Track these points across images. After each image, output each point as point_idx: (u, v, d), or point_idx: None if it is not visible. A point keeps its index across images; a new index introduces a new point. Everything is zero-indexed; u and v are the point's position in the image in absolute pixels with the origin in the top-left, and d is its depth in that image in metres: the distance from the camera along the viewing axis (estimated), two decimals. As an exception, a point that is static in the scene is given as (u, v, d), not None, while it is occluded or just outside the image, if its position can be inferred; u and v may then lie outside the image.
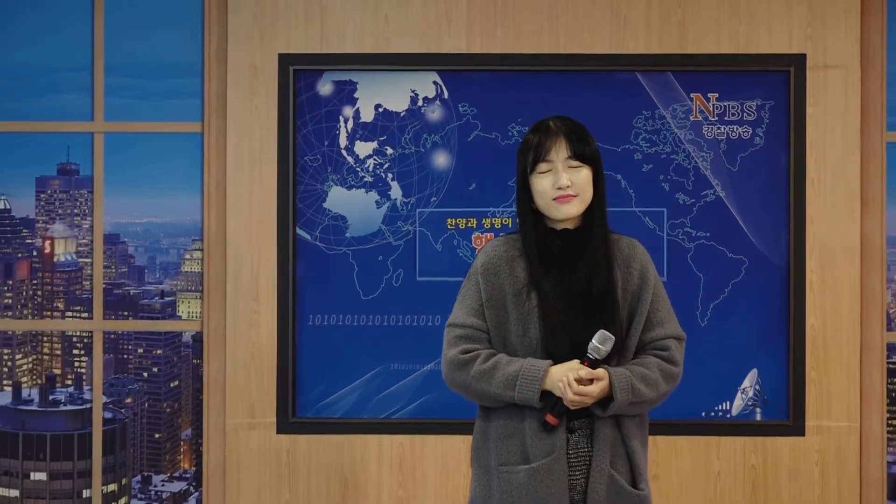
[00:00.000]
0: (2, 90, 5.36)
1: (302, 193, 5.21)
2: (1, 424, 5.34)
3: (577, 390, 3.41)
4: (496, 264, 3.64)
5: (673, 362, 3.61)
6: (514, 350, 3.60)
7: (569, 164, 3.53)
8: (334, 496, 5.16)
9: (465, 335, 3.63)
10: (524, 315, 3.58)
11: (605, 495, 3.54)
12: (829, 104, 5.12)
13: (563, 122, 3.63)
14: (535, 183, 3.58)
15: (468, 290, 3.68)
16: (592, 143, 3.62)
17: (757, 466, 5.10)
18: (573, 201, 3.53)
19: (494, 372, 3.54)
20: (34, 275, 5.36)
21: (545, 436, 3.54)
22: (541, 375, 3.47)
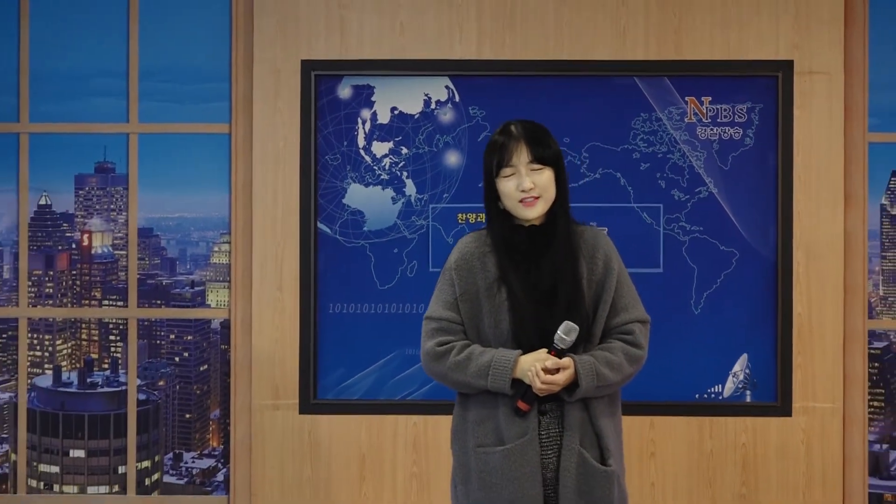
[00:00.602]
0: (44, 94, 5.33)
1: (323, 190, 5.21)
2: (42, 405, 5.39)
3: (544, 379, 3.47)
4: (469, 260, 3.68)
5: (637, 345, 3.66)
6: (487, 340, 3.64)
7: (531, 168, 3.57)
8: (353, 472, 5.18)
9: (440, 328, 3.67)
10: (495, 308, 3.62)
11: (575, 473, 3.57)
12: (815, 107, 5.15)
13: (524, 126, 3.65)
14: (500, 185, 3.61)
15: (443, 284, 3.73)
16: (553, 146, 3.65)
17: (747, 445, 5.13)
18: (536, 203, 3.57)
19: (468, 363, 3.59)
20: (73, 266, 5.39)
21: (518, 419, 3.59)
22: (510, 366, 3.52)
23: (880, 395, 5.37)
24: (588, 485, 3.58)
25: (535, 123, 3.68)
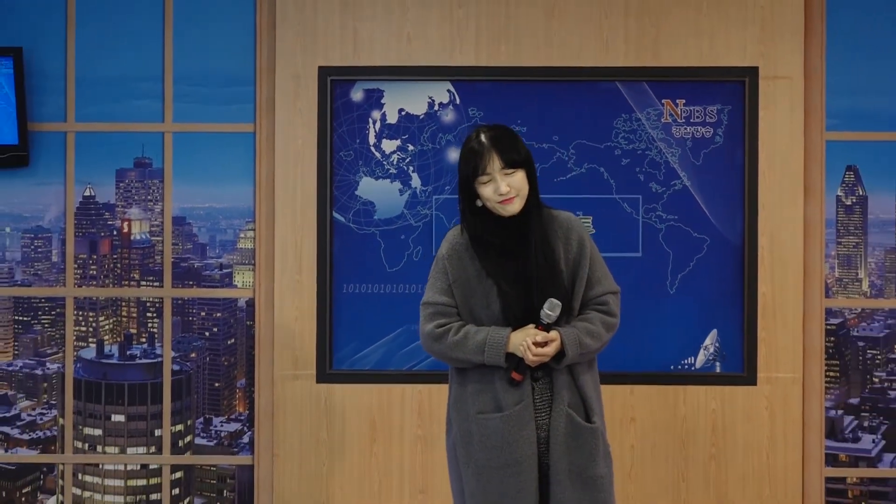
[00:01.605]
0: (88, 97, 5.34)
1: (337, 183, 5.25)
2: (87, 375, 5.39)
3: (535, 352, 3.57)
4: (458, 251, 3.76)
5: (611, 314, 3.75)
6: (480, 319, 3.71)
7: (504, 172, 3.63)
8: (364, 435, 5.22)
9: (437, 312, 3.75)
10: (485, 291, 3.70)
11: (564, 430, 3.65)
12: (778, 109, 5.18)
13: (493, 135, 3.70)
14: (480, 189, 3.66)
15: (437, 273, 3.80)
16: (521, 149, 3.71)
17: (716, 411, 5.18)
18: (514, 201, 3.64)
19: (465, 341, 3.66)
20: (114, 251, 5.40)
21: (514, 388, 3.66)
22: (504, 342, 3.61)
23: (835, 367, 5.35)
24: (576, 441, 3.66)
25: (503, 129, 3.75)
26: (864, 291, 5.42)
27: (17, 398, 5.50)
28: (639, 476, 5.17)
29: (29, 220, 5.49)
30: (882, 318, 5.42)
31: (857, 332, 5.42)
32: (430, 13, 5.24)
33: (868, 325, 5.43)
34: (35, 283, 5.50)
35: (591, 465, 3.68)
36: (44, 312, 5.50)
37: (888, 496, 5.31)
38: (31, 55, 5.31)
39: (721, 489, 5.20)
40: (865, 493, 5.35)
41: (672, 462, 5.19)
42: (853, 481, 5.35)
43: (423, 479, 5.22)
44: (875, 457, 5.33)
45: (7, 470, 5.45)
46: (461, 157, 3.73)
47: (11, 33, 5.32)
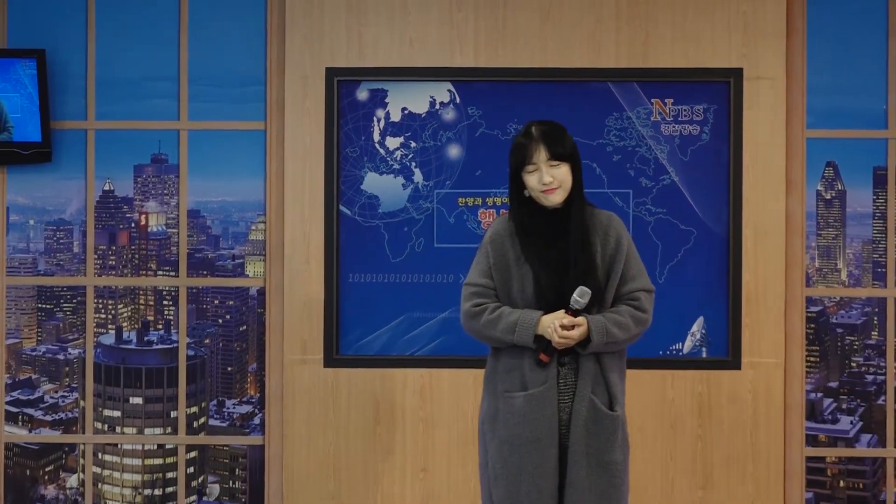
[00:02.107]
0: (108, 96, 5.35)
1: (344, 178, 5.25)
2: (106, 360, 5.41)
3: (561, 334, 3.60)
4: (501, 237, 3.80)
5: (642, 310, 3.76)
6: (515, 302, 3.75)
7: (549, 164, 3.68)
8: (368, 417, 5.23)
9: (476, 292, 3.80)
10: (522, 276, 3.74)
11: (585, 416, 3.68)
12: (761, 108, 5.19)
13: (543, 128, 3.75)
14: (526, 179, 3.72)
15: (480, 256, 3.84)
16: (568, 143, 3.75)
17: (703, 394, 5.19)
18: (556, 192, 3.68)
19: (499, 321, 3.71)
20: (132, 242, 5.42)
21: (540, 370, 3.70)
22: (534, 323, 3.65)
23: (815, 352, 5.37)
24: (596, 426, 3.70)
25: (553, 125, 3.78)
26: (842, 281, 5.42)
27: (40, 381, 5.50)
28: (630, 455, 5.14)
29: (52, 213, 5.49)
30: (860, 307, 5.44)
31: (836, 319, 5.44)
32: (431, 17, 5.26)
33: (846, 313, 5.45)
34: (57, 273, 5.50)
35: (608, 450, 3.73)
36: (66, 300, 5.50)
37: (865, 475, 5.33)
38: (53, 57, 5.31)
39: (707, 468, 5.20)
40: (844, 471, 5.36)
41: (661, 442, 5.20)
42: (832, 460, 5.36)
43: (425, 458, 5.23)
44: (853, 437, 5.34)
45: (31, 449, 5.45)
46: (512, 148, 3.78)
47: (34, 36, 5.32)
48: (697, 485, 5.23)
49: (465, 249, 5.19)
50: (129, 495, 5.48)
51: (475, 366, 5.12)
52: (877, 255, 5.41)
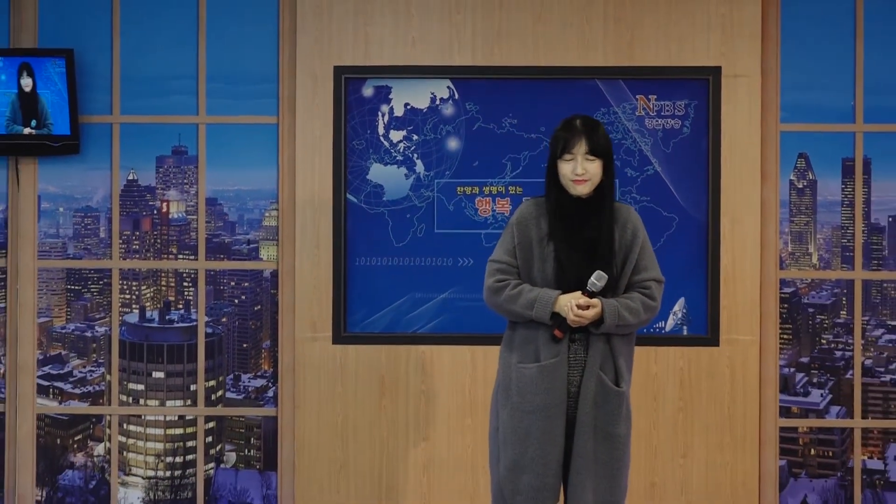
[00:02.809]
0: (132, 93, 5.40)
1: (350, 168, 5.26)
2: (131, 337, 5.40)
3: (577, 313, 3.67)
4: (526, 219, 3.85)
5: (652, 298, 3.82)
6: (535, 281, 3.81)
7: (586, 157, 3.73)
8: (374, 390, 5.26)
9: (500, 269, 3.85)
10: (544, 257, 3.80)
11: (594, 390, 3.75)
12: (738, 103, 5.21)
13: (586, 123, 3.80)
14: (560, 166, 3.77)
15: (506, 236, 3.88)
16: (605, 142, 3.80)
17: (684, 369, 5.23)
18: (585, 184, 3.74)
19: (519, 297, 3.77)
20: (155, 228, 5.41)
21: (553, 344, 3.76)
22: (552, 301, 3.71)
23: (788, 330, 5.37)
24: (603, 400, 3.76)
25: (594, 122, 3.84)
26: (813, 264, 5.44)
27: (69, 357, 5.51)
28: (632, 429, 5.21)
29: (80, 201, 5.50)
30: (829, 288, 5.47)
31: (808, 299, 5.46)
32: (432, 19, 5.27)
33: (817, 294, 5.47)
34: (85, 257, 5.51)
35: (613, 423, 3.78)
36: (93, 282, 5.52)
37: (834, 443, 5.35)
38: (81, 56, 5.32)
39: (687, 437, 5.23)
40: (814, 440, 5.38)
41: (645, 413, 5.21)
42: (804, 430, 5.39)
43: (427, 428, 5.25)
44: (823, 409, 5.37)
45: (61, 420, 5.46)
46: (555, 134, 3.82)
47: (64, 37, 5.34)
48: (679, 453, 5.25)
49: (463, 235, 5.29)
50: (152, 462, 5.48)
51: (473, 343, 5.23)
52: (845, 241, 5.42)
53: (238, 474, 5.52)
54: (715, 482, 5.26)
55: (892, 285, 5.46)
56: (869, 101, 5.38)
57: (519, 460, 3.79)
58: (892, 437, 5.41)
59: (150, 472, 5.52)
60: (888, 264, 5.46)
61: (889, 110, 5.39)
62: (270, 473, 5.47)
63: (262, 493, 5.47)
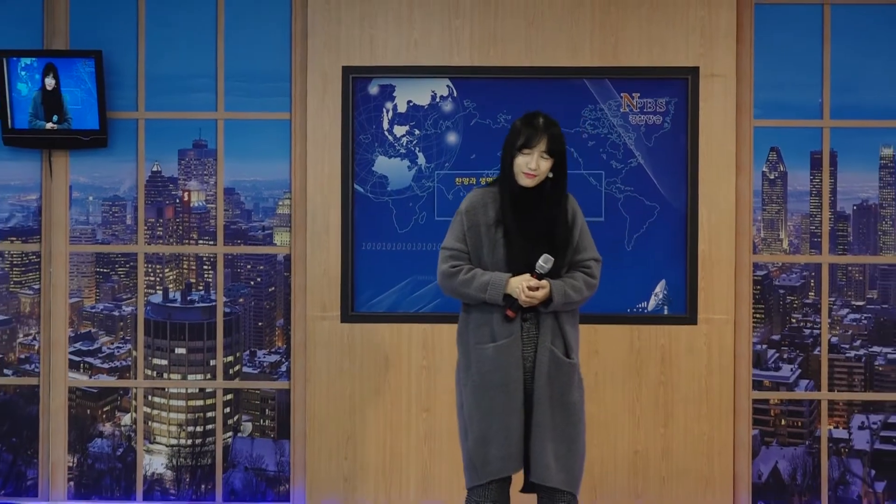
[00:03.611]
0: (155, 91, 5.43)
1: (357, 161, 5.29)
2: (155, 316, 5.38)
3: (528, 294, 3.72)
4: (475, 207, 3.87)
5: (592, 276, 3.90)
6: (486, 265, 3.84)
7: (541, 155, 3.77)
8: (379, 366, 5.28)
9: (452, 255, 3.87)
10: (493, 242, 3.83)
11: (547, 363, 3.80)
12: (715, 101, 5.22)
13: (547, 122, 3.81)
14: (517, 157, 3.78)
15: (456, 224, 3.90)
16: (561, 144, 3.81)
17: (665, 345, 5.26)
18: (533, 178, 3.77)
19: (472, 281, 3.79)
20: (177, 216, 5.37)
21: (507, 324, 3.80)
22: (503, 284, 3.75)
23: (761, 310, 5.35)
24: (556, 372, 3.81)
25: (554, 122, 3.84)
26: (784, 249, 5.45)
27: (98, 335, 5.53)
28: (601, 398, 5.22)
29: (108, 191, 5.50)
30: (798, 271, 5.46)
31: (779, 281, 5.45)
32: (432, 23, 5.28)
33: (787, 276, 5.46)
34: (113, 242, 5.52)
35: (567, 392, 3.83)
36: (120, 265, 5.51)
37: (803, 414, 5.34)
38: (109, 57, 5.35)
39: (668, 408, 5.26)
40: (784, 411, 5.38)
41: (628, 387, 5.26)
42: (775, 402, 5.39)
43: (428, 400, 5.28)
44: (792, 383, 5.39)
45: (91, 392, 5.48)
46: (515, 128, 3.83)
47: (93, 40, 5.36)
48: (660, 423, 5.28)
49: None
50: (175, 432, 5.49)
51: None
52: (813, 227, 5.44)
53: (254, 442, 5.52)
54: (693, 450, 5.28)
55: (857, 268, 5.45)
56: (835, 100, 5.39)
57: (485, 434, 3.81)
58: (856, 408, 5.39)
59: (172, 440, 5.51)
60: (852, 249, 5.46)
61: (853, 107, 5.39)
62: (283, 442, 5.47)
63: (276, 460, 5.47)
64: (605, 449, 5.28)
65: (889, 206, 5.45)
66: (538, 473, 3.81)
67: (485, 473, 3.83)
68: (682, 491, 5.31)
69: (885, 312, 5.46)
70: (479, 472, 3.84)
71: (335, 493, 5.34)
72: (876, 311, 5.47)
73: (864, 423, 5.42)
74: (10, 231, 5.56)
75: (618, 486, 5.29)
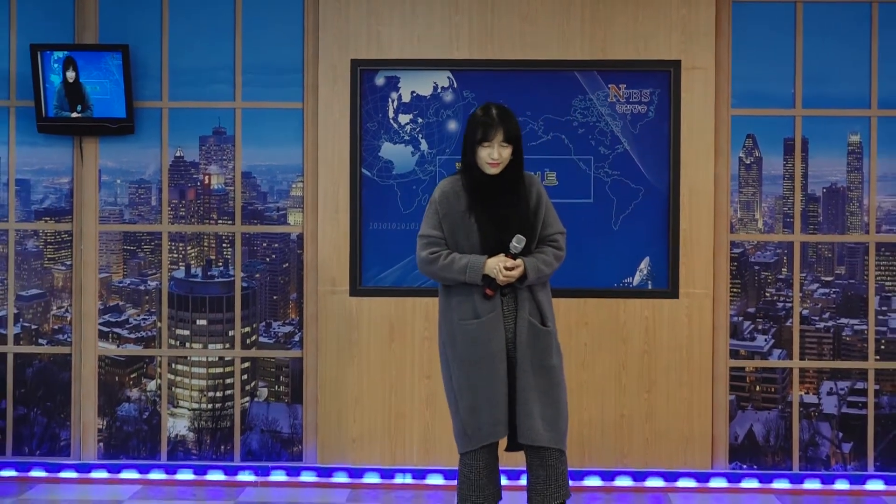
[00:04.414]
0: (178, 82, 5.47)
1: (364, 147, 5.33)
2: (178, 290, 5.40)
3: (505, 274, 3.78)
4: (448, 195, 3.91)
5: (560, 249, 3.95)
6: (462, 248, 3.89)
7: (501, 144, 3.82)
8: (384, 336, 5.34)
9: (430, 241, 3.92)
10: (468, 227, 3.88)
11: (527, 333, 3.87)
12: (695, 91, 5.27)
13: (501, 113, 3.84)
14: (478, 150, 3.83)
15: (430, 212, 3.94)
16: (516, 130, 3.86)
17: (648, 317, 5.32)
18: (498, 166, 3.83)
19: (452, 265, 3.84)
20: (198, 197, 5.38)
21: (488, 301, 3.85)
22: (481, 266, 3.80)
23: (738, 284, 5.36)
24: (535, 339, 3.88)
25: (508, 111, 3.88)
26: (759, 228, 5.49)
27: (125, 307, 5.58)
28: (590, 366, 5.28)
29: (134, 174, 5.55)
30: (772, 249, 5.50)
31: (754, 258, 5.49)
32: (434, 19, 5.32)
33: (762, 254, 5.50)
34: (139, 221, 5.56)
35: (546, 357, 3.89)
36: (145, 243, 5.56)
37: (776, 381, 5.41)
38: (135, 51, 5.38)
39: (651, 376, 5.32)
40: (759, 378, 5.44)
41: (615, 356, 5.31)
42: (750, 370, 5.44)
43: (429, 367, 5.32)
44: (766, 351, 5.45)
45: (119, 360, 5.54)
46: (472, 123, 3.87)
47: (121, 34, 5.40)
48: (644, 388, 5.34)
49: None
50: (196, 397, 5.54)
51: None
52: (786, 209, 5.48)
53: (269, 407, 5.55)
54: (675, 414, 5.34)
55: (826, 247, 5.50)
56: (807, 90, 5.42)
57: (475, 403, 3.86)
58: (824, 375, 5.45)
59: (194, 404, 5.56)
60: (822, 229, 5.49)
61: (824, 97, 5.42)
62: (297, 406, 5.51)
63: (290, 423, 5.52)
64: (593, 413, 5.32)
65: (856, 188, 5.48)
66: (527, 435, 3.86)
67: (476, 440, 3.89)
68: (664, 451, 5.36)
69: (851, 287, 5.50)
70: (472, 439, 3.90)
71: (344, 452, 5.40)
72: (843, 285, 5.51)
73: (832, 389, 5.46)
74: (45, 212, 5.59)
75: (605, 447, 5.33)
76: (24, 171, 5.59)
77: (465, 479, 3.97)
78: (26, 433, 5.58)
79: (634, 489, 5.29)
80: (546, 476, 3.93)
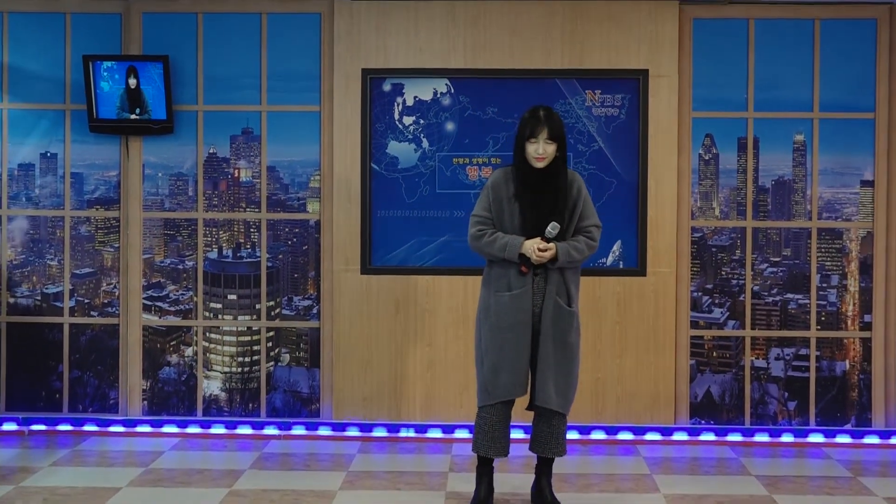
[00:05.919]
0: (212, 88, 5.51)
1: (374, 144, 5.39)
2: (212, 269, 5.43)
3: (538, 255, 3.85)
4: (498, 183, 3.98)
5: (592, 239, 3.99)
6: (506, 229, 3.95)
7: (546, 141, 3.88)
8: (391, 309, 5.41)
9: (480, 220, 3.98)
10: (512, 211, 3.94)
11: (552, 310, 3.92)
12: (661, 97, 5.34)
13: (546, 114, 3.91)
14: (526, 146, 3.89)
15: (483, 196, 4.01)
16: (561, 129, 3.91)
17: (620, 293, 5.39)
18: (543, 161, 3.89)
19: (494, 242, 3.91)
20: (229, 188, 5.40)
21: (521, 277, 3.91)
22: (518, 245, 3.87)
23: (697, 264, 5.38)
24: (559, 317, 3.94)
25: (553, 112, 3.94)
26: (716, 216, 5.54)
27: (166, 284, 5.64)
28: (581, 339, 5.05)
29: (174, 168, 5.61)
30: (727, 233, 5.55)
31: (712, 242, 5.55)
32: (434, 34, 5.36)
33: (719, 238, 5.55)
34: (177, 209, 5.62)
35: (567, 334, 3.96)
36: (183, 228, 5.63)
37: (730, 348, 5.50)
38: (174, 61, 5.45)
39: (623, 343, 5.40)
40: (716, 346, 5.52)
41: (591, 327, 5.32)
42: (708, 338, 5.52)
43: (429, 336, 5.40)
44: (722, 322, 5.53)
45: (160, 329, 5.61)
46: (522, 122, 3.94)
47: (161, 47, 5.47)
48: (616, 354, 5.41)
49: (457, 194, 5.41)
50: (227, 362, 5.61)
51: (464, 274, 5.33)
52: (739, 199, 5.53)
53: (291, 370, 5.62)
54: (643, 376, 5.41)
55: (774, 231, 5.55)
56: (758, 95, 5.48)
57: (498, 363, 3.93)
58: (773, 343, 5.52)
59: (226, 368, 5.62)
60: (771, 216, 5.54)
61: (773, 101, 5.48)
62: (315, 369, 5.58)
63: (309, 384, 5.59)
64: (572, 375, 5.38)
65: (800, 181, 5.54)
66: (541, 398, 3.96)
67: (494, 395, 3.96)
68: (633, 409, 5.43)
69: (796, 266, 5.56)
70: (491, 394, 3.97)
71: (356, 409, 5.47)
72: (789, 265, 5.57)
73: (779, 355, 5.54)
74: (96, 201, 5.66)
75: (583, 406, 5.33)
76: (78, 166, 5.64)
77: (480, 430, 4.03)
78: (80, 393, 5.65)
79: (608, 442, 5.35)
80: (549, 433, 4.05)
